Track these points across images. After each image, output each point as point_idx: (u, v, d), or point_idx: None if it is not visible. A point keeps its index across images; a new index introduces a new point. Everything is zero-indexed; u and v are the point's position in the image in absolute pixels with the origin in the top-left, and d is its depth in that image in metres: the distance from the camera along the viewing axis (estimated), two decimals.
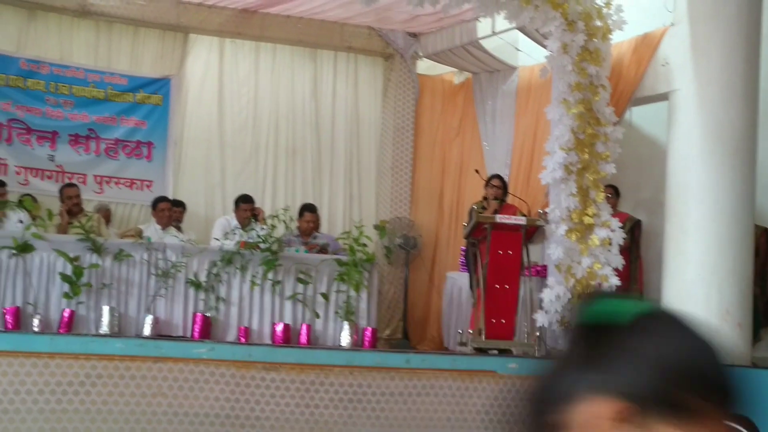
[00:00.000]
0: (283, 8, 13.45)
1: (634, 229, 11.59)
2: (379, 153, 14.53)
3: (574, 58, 10.53)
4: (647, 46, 11.16)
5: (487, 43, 13.31)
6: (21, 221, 10.98)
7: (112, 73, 13.52)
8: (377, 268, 11.86)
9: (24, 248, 10.30)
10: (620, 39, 11.18)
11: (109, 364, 8.29)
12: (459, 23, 13.28)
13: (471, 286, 11.50)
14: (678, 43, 10.66)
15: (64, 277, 10.28)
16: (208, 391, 8.47)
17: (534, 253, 11.56)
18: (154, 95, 13.69)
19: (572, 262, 10.44)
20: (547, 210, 10.76)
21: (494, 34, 13.06)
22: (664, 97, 10.91)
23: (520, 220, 10.72)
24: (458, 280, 12.70)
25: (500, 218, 10.70)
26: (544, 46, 11.10)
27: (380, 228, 13.12)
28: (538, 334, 10.50)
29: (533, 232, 10.95)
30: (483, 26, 13.04)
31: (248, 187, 13.36)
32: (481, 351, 10.40)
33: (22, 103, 13.05)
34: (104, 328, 10.22)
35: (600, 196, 10.55)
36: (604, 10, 10.68)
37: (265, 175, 14.15)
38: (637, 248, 11.68)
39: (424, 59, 14.50)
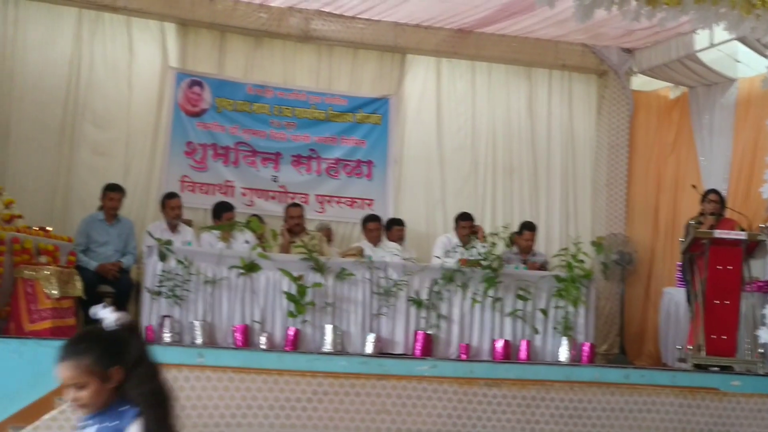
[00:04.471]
0: (498, 27, 13.59)
1: None
2: (594, 170, 14.54)
3: None
4: None
5: (704, 56, 13.11)
6: (247, 241, 11.34)
7: (332, 95, 13.92)
8: (594, 283, 11.82)
9: (251, 268, 10.62)
10: None
11: (334, 382, 8.48)
12: (675, 36, 13.13)
13: (689, 301, 11.35)
14: None
15: (289, 296, 10.55)
16: (431, 408, 8.59)
17: (756, 268, 11.34)
18: (373, 115, 14.00)
19: None
20: None
21: (712, 46, 12.85)
22: None
23: (740, 235, 10.51)
24: (675, 296, 12.56)
25: (719, 233, 10.53)
26: (766, 56, 10.88)
27: (597, 244, 13.10)
28: (761, 351, 10.28)
29: (754, 247, 10.73)
30: (700, 38, 12.84)
31: (468, 205, 13.55)
32: (701, 367, 10.26)
33: (248, 127, 13.56)
34: (327, 346, 10.45)
35: None
36: None
37: (485, 193, 14.30)
38: None
39: (639, 75, 14.40)
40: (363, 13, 13.33)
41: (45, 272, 9.57)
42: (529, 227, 12.62)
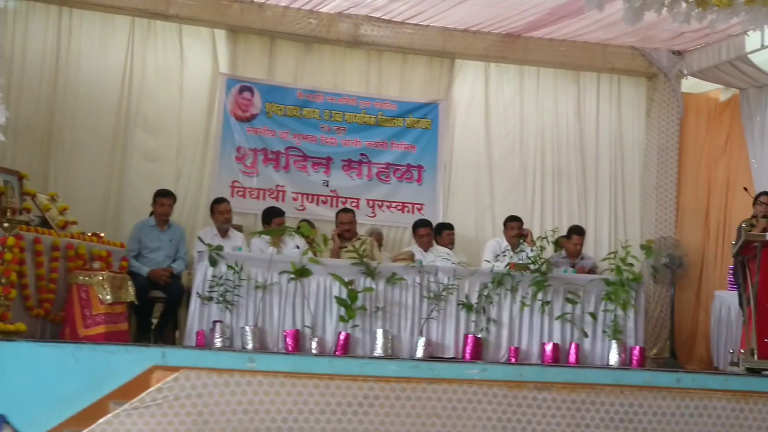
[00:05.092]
0: (546, 31, 13.61)
1: None
2: (644, 174, 14.51)
3: None
4: None
5: (755, 57, 13.00)
6: (298, 246, 11.36)
7: (382, 100, 14.01)
8: (644, 287, 11.80)
9: (302, 273, 10.67)
10: None
11: (385, 386, 8.48)
12: (726, 38, 13.06)
13: (741, 305, 11.27)
14: None
15: (340, 301, 10.61)
16: (481, 412, 8.59)
17: None
18: (423, 119, 14.06)
19: None
20: None
21: (763, 47, 12.74)
22: None
23: None
24: (727, 299, 12.49)
25: None
26: None
27: (646, 248, 13.04)
28: None
29: None
30: (751, 40, 12.75)
31: (517, 209, 13.54)
32: (753, 371, 10.18)
33: (299, 132, 13.66)
34: (378, 350, 10.51)
35: None
36: None
37: (533, 198, 14.34)
38: None
39: (689, 77, 14.33)
40: (412, 18, 13.39)
41: (98, 278, 9.67)
42: (577, 231, 12.60)
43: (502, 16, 13.06)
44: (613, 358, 11.09)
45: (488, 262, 11.75)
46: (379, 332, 10.58)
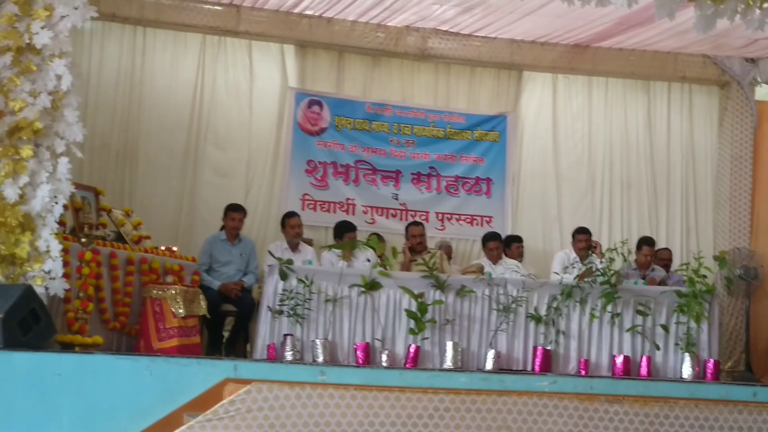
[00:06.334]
0: (615, 41, 13.56)
1: None
2: (716, 184, 14.39)
3: None
4: None
5: None
6: (368, 260, 11.37)
7: (450, 113, 14.06)
8: (717, 299, 11.66)
9: (372, 286, 10.66)
10: None
11: (455, 398, 8.48)
12: None
13: None
14: None
15: (410, 314, 10.57)
16: (552, 424, 8.55)
17: None
18: (491, 132, 14.09)
19: None
20: None
21: None
22: None
23: None
24: None
25: None
26: None
27: (720, 259, 12.91)
28: None
29: None
30: None
31: (585, 220, 13.51)
32: None
33: (368, 145, 13.77)
34: (448, 362, 10.45)
35: None
36: None
37: (602, 209, 14.30)
38: None
39: (762, 85, 14.17)
40: (479, 30, 13.42)
41: (171, 291, 9.77)
42: (648, 242, 12.51)
43: (570, 27, 13.03)
44: (687, 371, 10.95)
45: (557, 274, 11.71)
46: (449, 345, 10.55)
